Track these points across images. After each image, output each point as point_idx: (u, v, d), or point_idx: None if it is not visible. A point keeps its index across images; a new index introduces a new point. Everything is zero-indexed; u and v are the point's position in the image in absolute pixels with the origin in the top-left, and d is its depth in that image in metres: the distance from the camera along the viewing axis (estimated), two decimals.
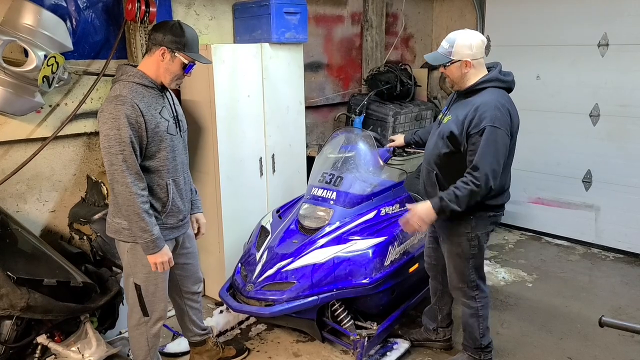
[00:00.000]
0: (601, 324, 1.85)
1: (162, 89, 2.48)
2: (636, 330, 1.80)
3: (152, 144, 2.37)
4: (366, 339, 3.02)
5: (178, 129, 2.52)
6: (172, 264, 2.50)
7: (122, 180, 2.27)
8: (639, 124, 4.41)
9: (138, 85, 2.35)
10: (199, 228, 2.87)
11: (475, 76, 2.68)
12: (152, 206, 2.42)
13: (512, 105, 2.67)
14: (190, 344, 3.05)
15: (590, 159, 4.75)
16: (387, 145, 3.45)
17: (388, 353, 3.17)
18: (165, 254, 2.43)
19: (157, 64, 2.39)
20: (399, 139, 3.37)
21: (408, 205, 2.72)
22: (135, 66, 2.44)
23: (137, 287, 2.51)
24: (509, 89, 2.74)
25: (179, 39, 2.36)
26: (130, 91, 2.31)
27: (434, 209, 2.59)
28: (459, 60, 2.64)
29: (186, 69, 2.42)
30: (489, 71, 2.72)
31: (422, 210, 2.62)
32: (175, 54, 2.36)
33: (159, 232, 2.39)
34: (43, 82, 2.83)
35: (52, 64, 2.84)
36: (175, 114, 2.51)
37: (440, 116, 2.88)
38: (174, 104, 2.54)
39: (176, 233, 2.59)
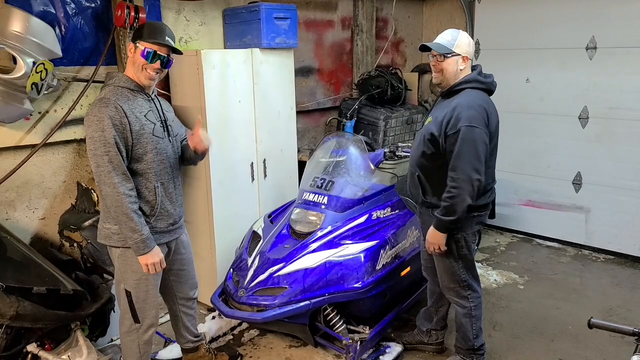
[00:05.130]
0: (590, 326, 1.86)
1: (150, 93, 2.50)
2: (624, 332, 1.80)
3: (137, 145, 2.38)
4: (359, 343, 3.02)
5: (166, 133, 2.52)
6: (164, 265, 2.50)
7: (109, 182, 2.28)
8: (627, 126, 4.46)
9: (123, 88, 2.38)
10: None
11: (463, 76, 2.71)
12: (141, 209, 2.42)
13: (490, 106, 2.69)
14: (183, 350, 3.04)
15: (580, 161, 4.78)
16: None
17: (381, 357, 3.17)
18: (157, 254, 2.43)
19: (129, 61, 2.42)
20: None
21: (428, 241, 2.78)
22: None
23: (128, 294, 2.50)
24: (489, 91, 2.76)
25: (139, 31, 2.40)
26: (114, 94, 2.33)
27: (437, 229, 2.69)
28: (459, 55, 2.66)
29: (143, 55, 2.36)
30: None
31: (431, 237, 2.74)
32: (137, 44, 2.39)
33: (149, 232, 2.40)
34: (32, 89, 2.81)
35: (41, 71, 2.83)
36: (163, 119, 2.52)
37: (424, 119, 2.90)
38: (162, 109, 2.55)
39: (167, 237, 2.58)
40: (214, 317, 3.50)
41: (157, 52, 2.39)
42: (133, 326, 2.56)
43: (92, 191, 3.20)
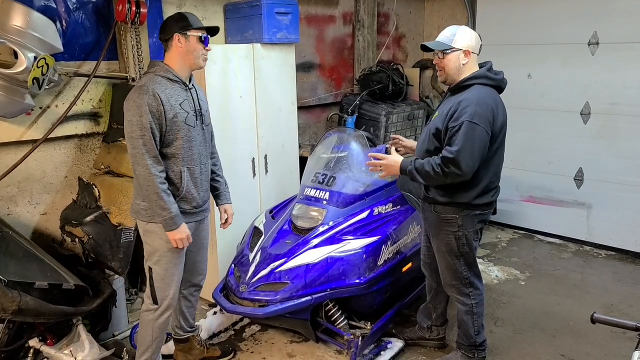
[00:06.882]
0: (593, 321, 1.85)
1: (187, 83, 2.61)
2: (627, 327, 1.80)
3: (169, 132, 2.51)
4: (360, 338, 3.02)
5: (199, 121, 2.64)
6: (191, 241, 2.61)
7: (142, 162, 2.43)
8: (629, 121, 4.45)
9: (162, 77, 2.51)
10: (226, 219, 2.97)
11: (469, 71, 2.68)
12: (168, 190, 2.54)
13: (499, 105, 2.66)
14: (175, 340, 3.04)
15: (582, 157, 4.78)
16: (389, 143, 3.16)
17: (382, 352, 3.18)
18: (184, 230, 2.55)
19: (177, 52, 2.54)
20: (411, 143, 3.10)
21: (385, 156, 2.83)
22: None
23: (150, 270, 2.60)
24: (499, 88, 2.73)
25: (183, 22, 2.54)
26: (152, 82, 2.47)
27: (401, 168, 2.74)
28: (459, 50, 2.64)
29: (204, 42, 2.58)
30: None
31: (393, 164, 2.77)
32: (187, 33, 2.52)
33: (178, 210, 2.52)
34: (33, 83, 2.81)
35: (42, 66, 2.83)
36: (198, 108, 2.64)
37: (432, 115, 2.90)
38: (198, 99, 2.67)
39: (189, 219, 2.66)
40: (215, 313, 3.50)
41: (207, 35, 2.60)
42: (152, 306, 2.64)
43: (94, 186, 3.20)
